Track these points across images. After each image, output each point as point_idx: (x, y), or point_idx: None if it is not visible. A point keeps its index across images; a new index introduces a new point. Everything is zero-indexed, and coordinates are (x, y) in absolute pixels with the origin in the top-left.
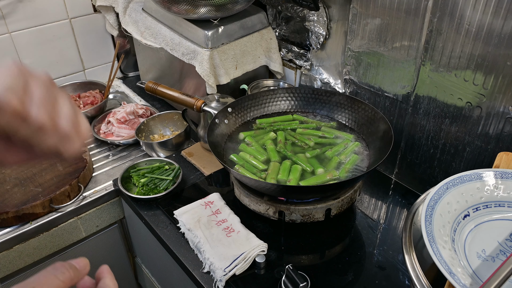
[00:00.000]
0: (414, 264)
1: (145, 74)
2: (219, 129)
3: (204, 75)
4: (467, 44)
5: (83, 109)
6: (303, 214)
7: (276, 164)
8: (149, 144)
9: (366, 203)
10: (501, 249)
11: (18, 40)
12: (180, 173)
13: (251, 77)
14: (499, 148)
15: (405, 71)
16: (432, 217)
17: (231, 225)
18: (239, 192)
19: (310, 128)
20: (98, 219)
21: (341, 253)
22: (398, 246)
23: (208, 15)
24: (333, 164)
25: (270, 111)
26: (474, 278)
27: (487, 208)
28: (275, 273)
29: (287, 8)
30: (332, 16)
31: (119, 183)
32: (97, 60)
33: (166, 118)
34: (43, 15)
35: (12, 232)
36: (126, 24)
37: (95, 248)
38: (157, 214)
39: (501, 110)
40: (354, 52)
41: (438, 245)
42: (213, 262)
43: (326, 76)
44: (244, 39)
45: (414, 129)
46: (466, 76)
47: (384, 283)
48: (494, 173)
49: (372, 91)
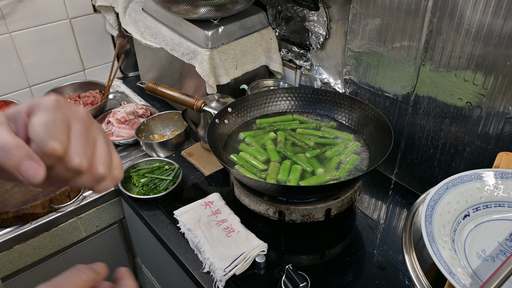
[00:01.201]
0: (414, 264)
1: (145, 74)
2: (219, 129)
3: (204, 75)
4: (467, 44)
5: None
6: (303, 214)
7: (276, 164)
8: (149, 144)
9: (366, 203)
10: (501, 249)
11: (18, 40)
12: (180, 173)
13: (251, 77)
14: (499, 148)
15: (405, 71)
16: (432, 217)
17: (231, 225)
18: (239, 192)
19: (310, 128)
20: (98, 219)
21: (341, 253)
22: (398, 246)
23: (208, 15)
24: (333, 164)
25: (270, 111)
26: (474, 278)
27: (487, 208)
28: (275, 273)
29: (287, 8)
30: (332, 16)
31: (119, 183)
32: (97, 60)
33: (166, 118)
34: (43, 15)
35: (12, 232)
36: (126, 24)
37: (95, 248)
38: (157, 214)
39: (501, 110)
40: (354, 52)
41: (438, 245)
42: (213, 262)
43: (326, 76)
44: (244, 39)
45: (414, 129)
46: (466, 76)
47: (384, 283)
48: (494, 173)
49: (372, 91)
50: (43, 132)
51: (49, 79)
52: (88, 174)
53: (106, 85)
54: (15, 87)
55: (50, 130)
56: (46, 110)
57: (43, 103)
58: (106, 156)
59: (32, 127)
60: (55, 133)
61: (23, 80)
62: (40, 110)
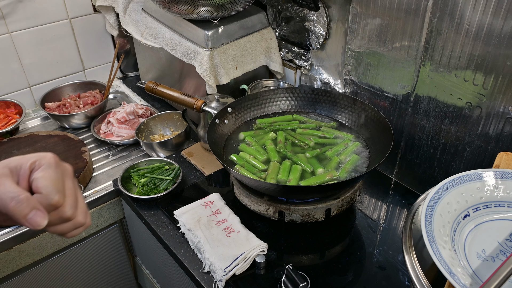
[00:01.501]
0: (414, 264)
1: (145, 74)
2: (219, 129)
3: (204, 75)
4: (467, 44)
5: (83, 109)
6: (303, 214)
7: (276, 164)
8: (149, 144)
9: (366, 203)
10: (501, 249)
11: (18, 40)
12: (180, 173)
13: (251, 77)
14: (499, 148)
15: (405, 71)
16: (432, 217)
17: (231, 225)
18: (239, 192)
19: (310, 128)
20: (98, 219)
21: (341, 253)
22: (398, 246)
23: (208, 15)
24: (333, 164)
25: (270, 111)
26: (474, 278)
27: (487, 208)
28: (275, 273)
29: (287, 8)
30: (332, 16)
31: (119, 183)
32: (97, 60)
33: (166, 118)
34: (43, 15)
35: (12, 232)
36: (126, 24)
37: (95, 248)
38: (157, 214)
39: (501, 110)
40: (354, 52)
41: (438, 245)
42: (213, 262)
43: (326, 76)
44: (244, 39)
45: (414, 129)
46: (466, 76)
47: (384, 283)
48: (494, 173)
49: (372, 91)
50: (51, 187)
51: (49, 79)
52: (71, 222)
53: (106, 85)
54: (15, 87)
55: (55, 185)
56: (49, 167)
57: (45, 161)
58: (85, 207)
59: (41, 181)
60: (59, 187)
61: (23, 80)
62: (45, 167)
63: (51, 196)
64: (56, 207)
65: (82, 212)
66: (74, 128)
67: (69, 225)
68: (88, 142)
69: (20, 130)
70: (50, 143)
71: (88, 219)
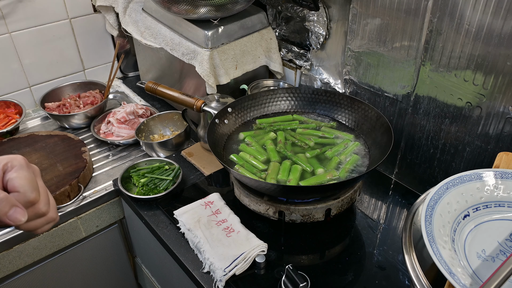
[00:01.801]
0: (414, 264)
1: (145, 74)
2: (219, 129)
3: (204, 75)
4: (467, 44)
5: (83, 109)
6: (303, 214)
7: (276, 164)
8: (149, 144)
9: (366, 203)
10: (501, 249)
11: (18, 40)
12: (180, 173)
13: (251, 77)
14: (499, 148)
15: (405, 71)
16: (432, 217)
17: (231, 225)
18: (239, 192)
19: (310, 128)
20: (98, 219)
21: (341, 253)
22: (398, 246)
23: (208, 15)
24: (333, 164)
25: (270, 111)
26: (474, 278)
27: (487, 208)
28: (275, 273)
29: (287, 8)
30: (332, 16)
31: (119, 183)
32: (97, 60)
33: (166, 118)
34: (43, 15)
35: (12, 232)
36: (126, 24)
37: (95, 248)
38: (157, 214)
39: (501, 110)
40: (354, 52)
41: (438, 245)
42: (213, 262)
43: (326, 76)
44: (244, 39)
45: (414, 129)
46: (466, 76)
47: (384, 283)
48: (494, 173)
49: (372, 91)
50: (27, 185)
51: (49, 79)
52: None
53: (106, 85)
54: (15, 87)
55: (31, 183)
56: (22, 168)
57: (17, 162)
58: (55, 204)
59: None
60: (34, 186)
61: (23, 80)
62: (18, 168)
63: (28, 194)
64: (32, 203)
65: (53, 208)
66: (74, 128)
67: (42, 220)
68: (88, 142)
69: (20, 130)
70: (50, 143)
71: (57, 214)
